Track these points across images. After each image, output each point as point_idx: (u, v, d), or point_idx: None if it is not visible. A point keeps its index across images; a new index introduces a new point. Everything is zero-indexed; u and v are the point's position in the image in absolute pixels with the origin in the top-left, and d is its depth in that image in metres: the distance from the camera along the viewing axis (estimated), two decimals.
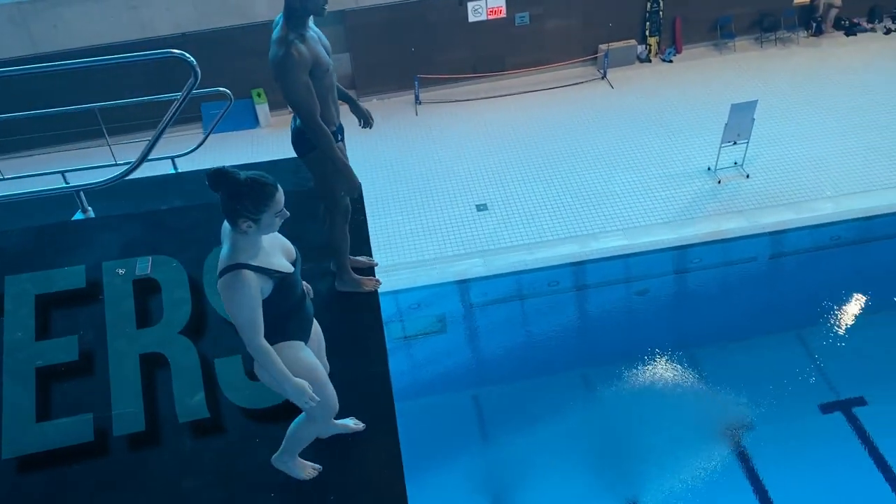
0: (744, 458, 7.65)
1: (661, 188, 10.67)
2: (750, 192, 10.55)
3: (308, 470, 3.48)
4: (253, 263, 2.90)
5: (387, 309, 9.48)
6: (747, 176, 10.78)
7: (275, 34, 3.64)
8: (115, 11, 11.80)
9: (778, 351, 8.83)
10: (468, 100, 13.33)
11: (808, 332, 8.98)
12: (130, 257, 4.13)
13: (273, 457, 3.43)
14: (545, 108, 12.93)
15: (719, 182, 10.73)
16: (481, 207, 10.72)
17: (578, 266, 9.84)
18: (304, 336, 3.19)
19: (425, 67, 13.31)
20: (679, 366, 8.64)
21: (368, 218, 4.53)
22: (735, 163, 10.91)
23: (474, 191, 11.07)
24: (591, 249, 9.84)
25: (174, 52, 3.91)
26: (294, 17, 3.59)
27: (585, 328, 9.64)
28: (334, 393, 3.24)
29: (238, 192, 2.86)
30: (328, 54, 3.77)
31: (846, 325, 9.07)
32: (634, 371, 8.64)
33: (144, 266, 4.03)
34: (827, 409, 8.04)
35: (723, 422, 8.04)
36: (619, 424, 8.09)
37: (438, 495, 7.54)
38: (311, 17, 3.69)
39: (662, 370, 8.62)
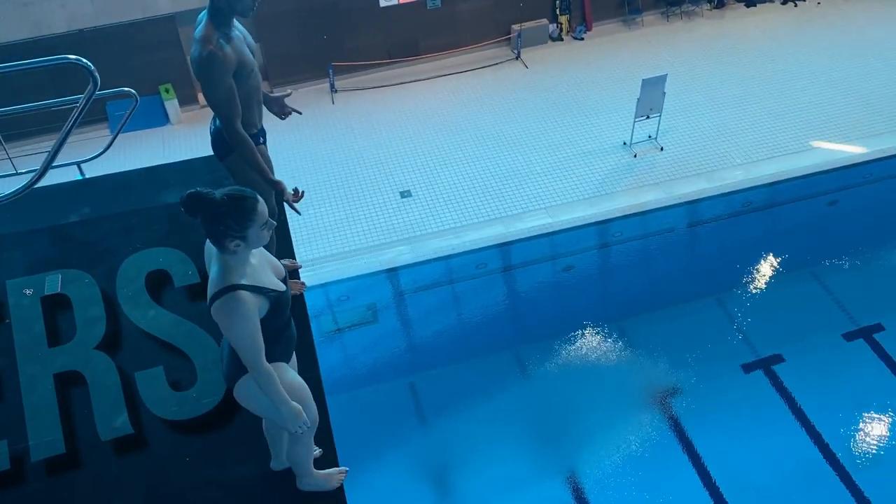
0: (674, 421, 7.91)
1: (579, 165, 10.85)
2: (665, 164, 10.85)
3: (336, 476, 3.45)
4: (247, 283, 2.76)
5: (316, 302, 9.36)
6: (661, 149, 11.07)
7: (198, 32, 3.47)
8: (2, 8, 11.15)
9: (700, 316, 9.15)
10: (385, 86, 13.21)
11: (726, 295, 9.33)
12: (38, 274, 3.92)
13: (297, 484, 3.33)
14: (462, 90, 12.95)
15: (635, 156, 10.99)
16: (405, 194, 10.67)
17: (505, 247, 9.93)
18: (288, 357, 3.06)
19: (339, 55, 13.11)
20: (608, 338, 8.84)
21: (288, 212, 4.42)
22: (649, 136, 11.19)
23: (397, 177, 11.01)
24: (516, 230, 9.94)
25: (70, 58, 3.68)
26: (220, 16, 3.46)
27: (516, 308, 9.76)
28: (316, 409, 3.15)
29: (218, 213, 2.73)
30: (253, 54, 3.64)
31: (761, 286, 9.47)
32: (566, 346, 8.81)
33: (54, 283, 3.84)
34: (748, 367, 8.39)
35: (653, 389, 8.30)
36: (555, 399, 8.23)
37: (381, 487, 7.53)
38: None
39: (593, 343, 8.81)
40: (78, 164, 6.11)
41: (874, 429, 7.77)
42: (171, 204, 4.69)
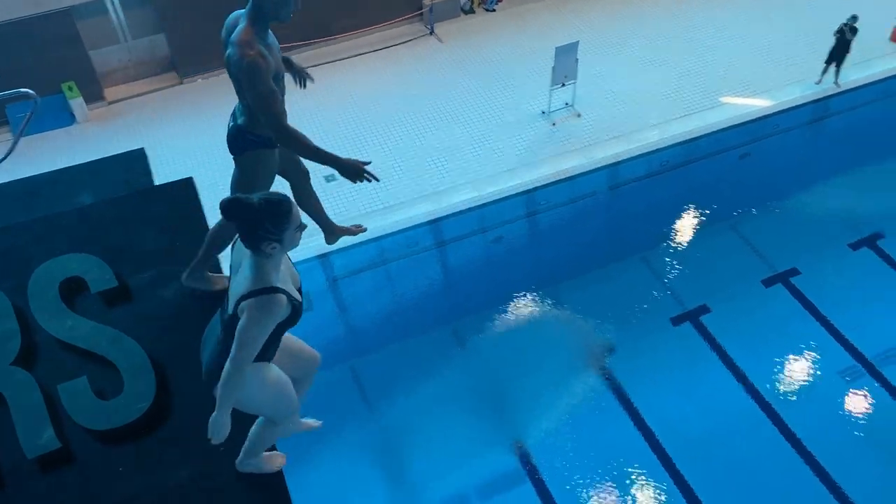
0: (612, 379, 8.14)
1: (501, 137, 10.92)
2: (583, 130, 11.02)
3: (277, 460, 3.53)
4: (284, 289, 2.89)
5: None
6: (579, 115, 11.23)
7: (236, 34, 3.49)
8: None
9: (628, 275, 9.40)
10: None
11: (651, 253, 9.60)
12: None
13: (237, 461, 3.37)
14: (379, 70, 12.81)
15: (554, 124, 11.12)
16: (330, 178, 10.50)
17: (435, 224, 9.95)
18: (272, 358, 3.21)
19: None
20: (542, 303, 9.01)
21: (208, 214, 4.32)
22: (566, 104, 11.34)
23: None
24: (444, 206, 9.96)
25: None
26: (261, 21, 3.48)
27: (451, 282, 9.82)
28: (296, 399, 3.36)
29: (256, 217, 2.86)
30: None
31: (683, 241, 9.78)
32: (503, 316, 8.93)
33: None
34: (676, 320, 8.68)
35: (589, 350, 8.51)
36: (496, 368, 8.35)
37: (331, 473, 7.51)
38: None
39: (528, 310, 8.96)
40: None
41: (798, 368, 8.18)
42: (84, 207, 4.52)
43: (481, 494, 7.32)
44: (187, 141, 11.30)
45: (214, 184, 10.30)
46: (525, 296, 9.09)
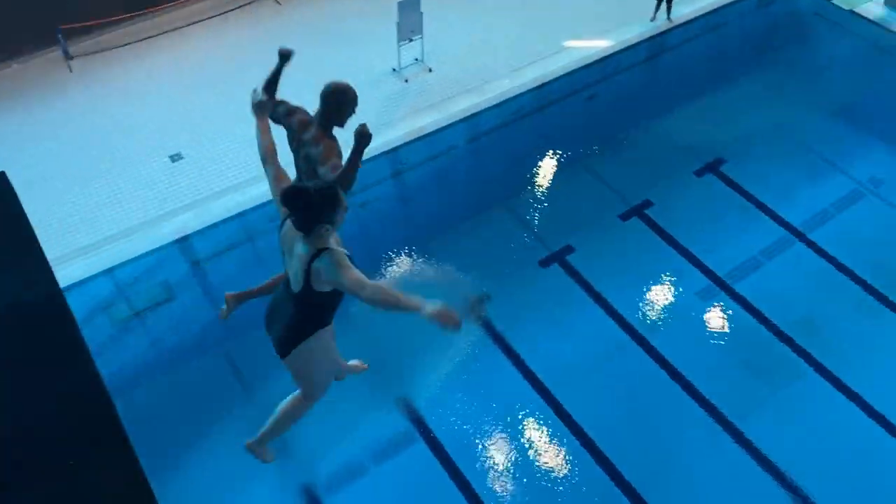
0: (489, 326, 8.29)
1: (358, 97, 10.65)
2: (436, 85, 10.98)
3: (271, 454, 4.01)
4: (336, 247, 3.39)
5: (103, 291, 8.62)
6: (430, 70, 11.17)
7: (314, 133, 4.34)
8: None
9: (495, 224, 9.55)
10: (130, 43, 12.03)
11: (514, 200, 9.79)
12: None
13: (250, 442, 3.85)
14: (215, 38, 12.13)
15: (406, 81, 11.00)
16: (176, 158, 9.94)
17: None
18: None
19: (67, 15, 11.67)
20: (416, 261, 8.99)
21: (47, 205, 3.89)
22: (416, 59, 11.23)
23: (162, 141, 10.19)
24: None
25: None
26: (329, 126, 4.30)
27: None
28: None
29: (314, 203, 3.42)
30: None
31: (544, 185, 10.04)
32: (378, 279, 8.83)
33: None
34: (544, 263, 8.94)
35: (464, 301, 8.59)
36: (376, 330, 8.27)
37: (216, 462, 7.24)
38: None
39: (403, 270, 8.92)
40: None
41: (659, 293, 8.66)
42: None
43: (374, 459, 7.31)
44: (9, 134, 10.30)
45: (30, 182, 9.52)
46: (397, 256, 9.04)
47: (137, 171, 9.75)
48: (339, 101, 4.38)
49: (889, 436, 7.25)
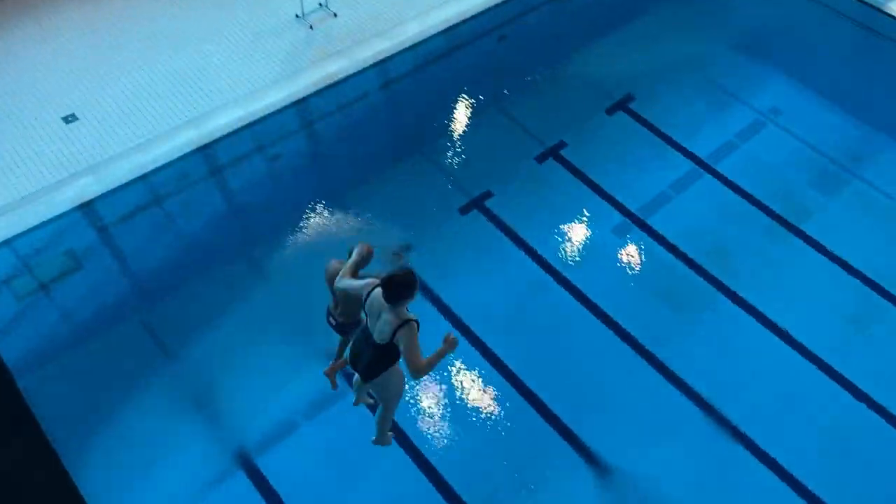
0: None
1: (258, 48, 10.24)
2: (343, 31, 10.63)
3: (389, 437, 6.25)
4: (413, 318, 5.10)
5: (4, 265, 8.16)
6: (335, 14, 10.79)
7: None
8: None
9: (412, 173, 9.46)
10: (14, 3, 11.10)
11: (431, 147, 9.71)
12: None
13: (374, 440, 6.18)
14: None
15: (311, 27, 10.61)
16: (70, 119, 9.34)
17: (206, 150, 9.26)
18: None
19: None
20: (336, 214, 8.86)
21: None
22: (320, 4, 10.82)
23: (53, 102, 9.53)
24: (210, 129, 9.26)
25: None
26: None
27: (236, 210, 9.33)
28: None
29: (409, 284, 4.99)
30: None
31: (459, 130, 9.98)
32: (296, 235, 8.69)
33: None
34: (464, 209, 8.95)
35: (386, 253, 8.54)
36: (300, 288, 8.16)
37: (141, 436, 7.07)
38: None
39: (322, 224, 8.77)
40: None
41: (578, 232, 8.83)
42: None
43: (307, 416, 7.30)
44: None
45: None
46: (314, 210, 8.88)
47: (28, 136, 9.11)
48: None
49: (798, 354, 7.71)
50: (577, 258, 8.57)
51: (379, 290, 5.09)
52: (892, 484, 6.88)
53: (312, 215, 8.84)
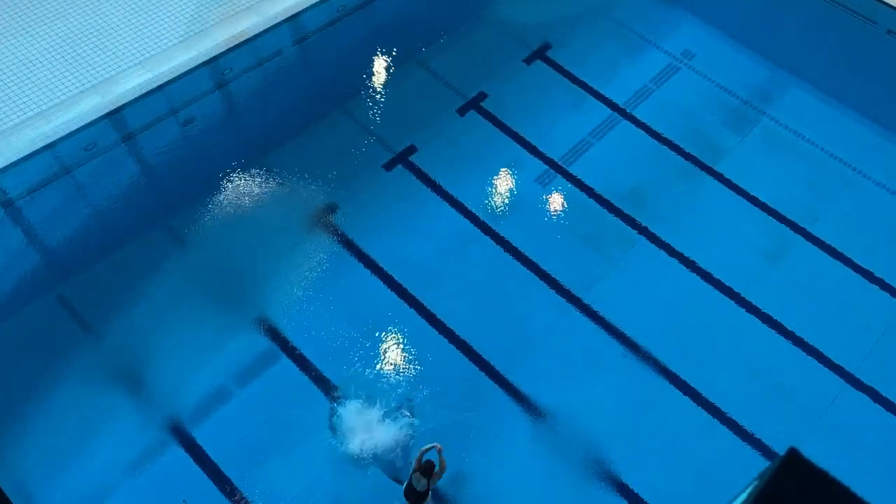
0: (341, 235, 8.22)
1: (161, 5, 9.74)
2: None
3: None
4: None
5: None
6: None
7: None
8: None
9: (335, 130, 9.27)
10: None
11: (351, 104, 9.53)
12: None
13: None
14: None
15: None
16: None
17: (113, 116, 8.83)
18: None
19: None
20: (257, 177, 8.66)
21: None
22: None
23: None
24: (115, 95, 8.81)
25: None
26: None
27: (152, 177, 8.98)
28: None
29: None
30: None
31: (380, 84, 9.82)
32: (217, 200, 8.46)
33: None
34: (388, 165, 8.89)
35: (312, 213, 8.42)
36: (224, 252, 8.00)
37: (72, 416, 6.87)
38: None
39: (244, 188, 8.57)
40: None
41: (502, 183, 8.89)
42: None
43: (240, 382, 7.22)
44: None
45: None
46: (236, 174, 8.66)
47: None
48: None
49: (716, 290, 8.03)
50: (503, 208, 8.65)
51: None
52: (811, 410, 7.29)
53: (232, 179, 8.62)
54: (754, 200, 8.78)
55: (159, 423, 7.00)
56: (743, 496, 2.75)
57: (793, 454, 2.59)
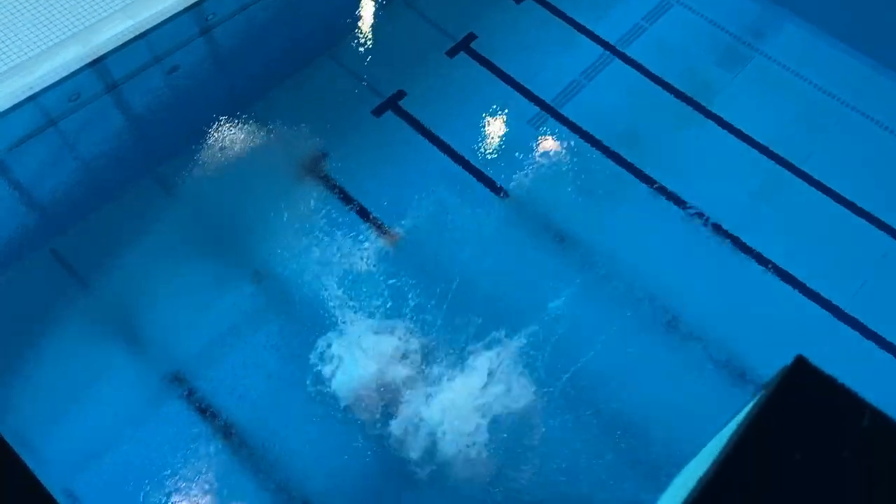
0: (331, 182, 8.19)
1: None
2: None
3: None
4: None
5: None
6: None
7: None
8: None
9: (321, 76, 9.14)
10: None
11: (338, 48, 9.37)
12: None
13: None
14: None
15: None
16: None
17: (96, 66, 8.66)
18: None
19: None
20: (246, 124, 8.57)
21: None
22: None
23: None
24: (97, 44, 8.61)
25: None
26: None
27: (138, 127, 8.87)
28: None
29: None
30: None
31: (365, 29, 9.64)
32: (207, 150, 8.39)
33: None
34: (378, 111, 8.80)
35: (302, 161, 8.37)
36: (216, 202, 7.97)
37: (62, 369, 6.94)
38: None
39: (232, 136, 8.49)
40: None
41: (494, 127, 8.82)
42: None
43: (238, 335, 7.27)
44: None
45: None
46: (224, 123, 8.55)
47: None
48: None
49: (715, 234, 8.03)
50: (496, 153, 8.60)
51: None
52: (805, 348, 7.37)
53: (220, 127, 8.51)
54: (748, 139, 8.74)
55: (159, 372, 7.06)
56: (749, 406, 2.81)
57: (800, 362, 2.63)
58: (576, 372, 6.93)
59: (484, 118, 8.86)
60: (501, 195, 8.17)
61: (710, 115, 8.93)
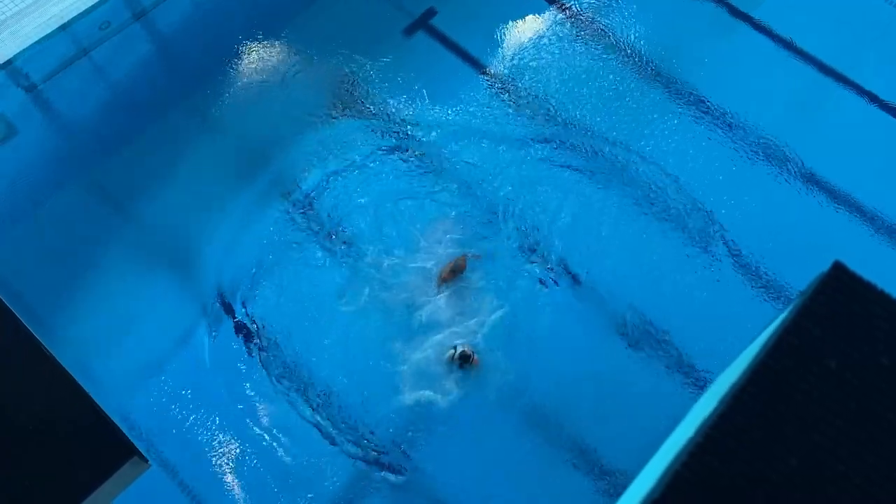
0: (364, 107, 8.08)
1: None
2: None
3: None
4: None
5: None
6: None
7: None
8: None
9: (308, 42, 8.74)
10: None
11: None
12: None
13: None
14: None
15: None
16: None
17: None
18: None
19: None
20: (273, 50, 8.48)
21: None
22: None
23: None
24: None
25: None
26: None
27: (171, 53, 8.88)
28: None
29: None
30: None
31: None
32: (234, 76, 8.36)
33: None
34: (409, 31, 8.60)
35: (334, 84, 8.26)
36: (249, 130, 7.98)
37: (110, 298, 7.12)
38: None
39: (259, 62, 8.42)
40: None
41: (526, 42, 8.52)
42: None
43: (276, 257, 7.33)
44: None
45: None
46: (252, 48, 8.49)
47: None
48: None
49: (762, 153, 7.74)
50: (529, 69, 8.36)
51: None
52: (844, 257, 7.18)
53: (249, 52, 8.44)
54: (793, 48, 8.35)
55: (202, 298, 7.17)
56: (784, 313, 2.76)
57: (837, 268, 2.57)
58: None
59: (516, 34, 8.58)
60: (542, 111, 7.96)
61: (753, 23, 8.54)
